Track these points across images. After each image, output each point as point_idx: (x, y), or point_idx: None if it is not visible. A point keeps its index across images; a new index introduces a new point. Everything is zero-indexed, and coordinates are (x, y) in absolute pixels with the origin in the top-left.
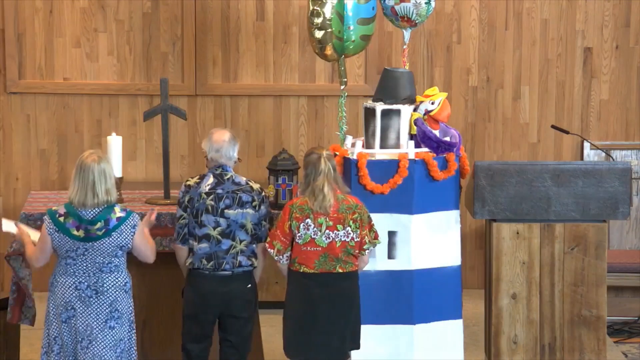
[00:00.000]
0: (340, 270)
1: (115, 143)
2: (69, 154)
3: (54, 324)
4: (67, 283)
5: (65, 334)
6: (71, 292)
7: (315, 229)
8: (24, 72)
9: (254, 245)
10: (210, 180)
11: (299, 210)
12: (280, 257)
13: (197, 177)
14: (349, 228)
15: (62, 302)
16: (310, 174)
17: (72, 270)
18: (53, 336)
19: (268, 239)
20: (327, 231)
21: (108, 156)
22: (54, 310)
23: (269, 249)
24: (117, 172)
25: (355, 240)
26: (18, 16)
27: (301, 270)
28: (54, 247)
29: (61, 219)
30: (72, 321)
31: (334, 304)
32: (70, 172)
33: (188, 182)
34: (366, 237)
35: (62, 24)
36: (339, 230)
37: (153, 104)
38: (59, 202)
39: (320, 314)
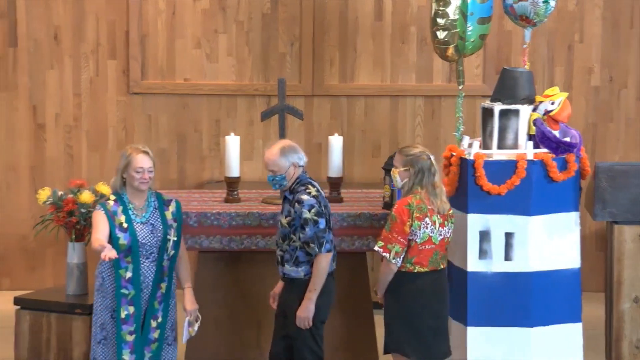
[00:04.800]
0: (442, 267)
1: (233, 143)
2: (188, 154)
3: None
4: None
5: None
6: None
7: (432, 227)
8: (146, 73)
9: None
10: (316, 186)
11: (418, 209)
12: (398, 259)
13: (304, 185)
14: (451, 224)
15: None
16: (420, 172)
17: None
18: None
19: (381, 244)
20: (440, 228)
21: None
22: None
23: (383, 254)
24: (235, 171)
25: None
26: (142, 18)
27: (415, 271)
28: None
29: None
30: None
31: (442, 300)
32: (191, 173)
33: (310, 192)
34: None
35: (184, 25)
36: (446, 227)
37: (270, 104)
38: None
39: (432, 311)
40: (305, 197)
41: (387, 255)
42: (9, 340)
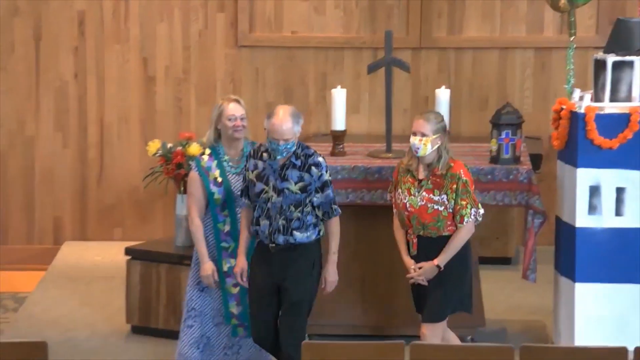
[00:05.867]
0: None
1: (339, 96)
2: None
3: None
4: None
5: None
6: None
7: None
8: (254, 26)
9: None
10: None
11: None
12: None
13: (308, 148)
14: None
15: None
16: (446, 136)
17: None
18: None
19: (474, 210)
20: None
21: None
22: None
23: (473, 217)
24: (341, 125)
25: None
26: None
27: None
28: None
29: None
30: None
31: None
32: None
33: (319, 154)
34: None
35: None
36: None
37: (377, 57)
38: None
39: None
40: (321, 159)
41: (474, 218)
42: (121, 289)
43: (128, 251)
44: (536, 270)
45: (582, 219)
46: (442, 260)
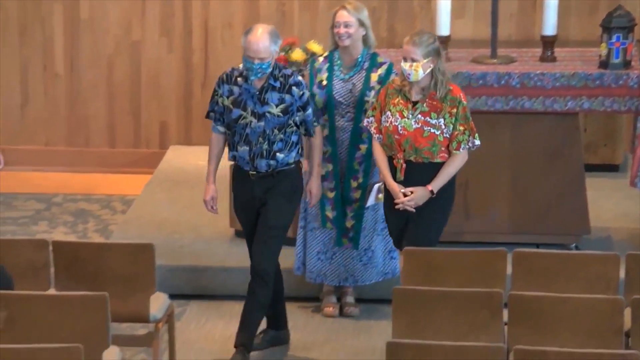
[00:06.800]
0: None
1: (444, 1)
2: (398, 12)
3: None
4: None
5: None
6: None
7: None
8: None
9: None
10: None
11: None
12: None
13: (284, 68)
14: None
15: None
16: (441, 57)
17: None
18: None
19: (470, 137)
20: None
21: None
22: None
23: (471, 145)
24: (445, 30)
25: None
26: None
27: None
28: None
29: None
30: None
31: None
32: (401, 31)
33: (296, 72)
34: None
35: None
36: None
37: None
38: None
39: None
40: (300, 78)
41: (470, 146)
42: (225, 194)
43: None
44: None
45: None
46: (436, 185)
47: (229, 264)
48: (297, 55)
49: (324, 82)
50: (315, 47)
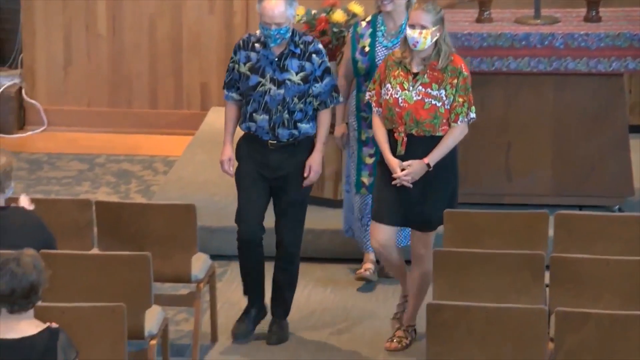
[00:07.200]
0: None
1: None
2: None
3: None
4: None
5: None
6: None
7: None
8: None
9: None
10: None
11: None
12: None
13: (304, 35)
14: None
15: None
16: (444, 27)
17: None
18: None
19: (468, 110)
20: None
21: None
22: None
23: (471, 118)
24: None
25: None
26: None
27: None
28: None
29: None
30: None
31: None
32: None
33: (317, 39)
34: None
35: None
36: None
37: None
38: None
39: None
40: (320, 46)
41: (468, 119)
42: None
43: None
44: None
45: None
46: (432, 159)
47: (269, 225)
48: (338, 16)
49: (367, 49)
50: (356, 8)
